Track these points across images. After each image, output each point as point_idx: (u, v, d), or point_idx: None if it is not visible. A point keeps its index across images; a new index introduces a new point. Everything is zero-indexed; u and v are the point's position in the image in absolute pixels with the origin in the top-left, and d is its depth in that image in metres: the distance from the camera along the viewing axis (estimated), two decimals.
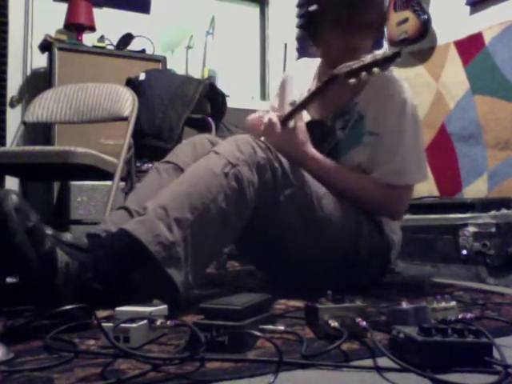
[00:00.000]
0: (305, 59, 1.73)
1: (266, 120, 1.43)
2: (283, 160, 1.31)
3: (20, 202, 0.93)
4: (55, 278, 0.95)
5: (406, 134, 1.44)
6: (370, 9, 1.42)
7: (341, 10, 1.40)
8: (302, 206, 1.33)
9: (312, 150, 1.43)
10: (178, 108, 2.63)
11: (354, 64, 1.28)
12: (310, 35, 1.52)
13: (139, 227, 1.08)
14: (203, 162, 1.22)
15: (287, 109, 1.45)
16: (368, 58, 1.27)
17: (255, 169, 1.22)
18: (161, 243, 1.07)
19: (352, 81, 1.28)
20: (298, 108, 1.40)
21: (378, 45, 1.53)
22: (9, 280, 1.07)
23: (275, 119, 1.41)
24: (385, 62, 1.26)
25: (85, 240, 1.09)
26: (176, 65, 3.48)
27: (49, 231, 0.99)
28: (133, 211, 1.28)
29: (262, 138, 1.37)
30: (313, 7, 1.45)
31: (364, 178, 1.45)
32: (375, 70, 1.25)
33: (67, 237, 1.04)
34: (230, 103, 2.95)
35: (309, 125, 1.46)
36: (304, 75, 1.64)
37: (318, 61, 1.63)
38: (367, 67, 1.26)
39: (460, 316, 0.97)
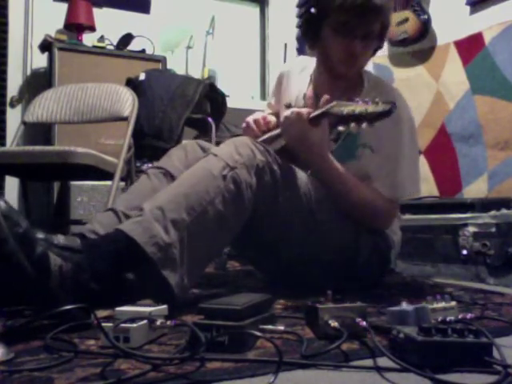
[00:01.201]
0: (302, 57, 1.71)
1: (294, 110, 1.34)
2: (282, 163, 1.30)
3: (8, 209, 0.91)
4: (49, 280, 0.95)
5: (402, 148, 1.41)
6: (374, 18, 1.36)
7: (341, 17, 1.33)
8: (301, 208, 1.32)
9: (329, 154, 1.35)
10: (178, 108, 2.63)
11: (345, 109, 1.19)
12: (308, 37, 1.46)
13: (136, 228, 1.08)
14: (202, 164, 1.21)
15: (283, 108, 1.42)
16: (359, 109, 1.16)
17: (254, 171, 1.21)
18: (157, 244, 1.06)
19: (341, 128, 1.21)
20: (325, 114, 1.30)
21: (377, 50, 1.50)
22: None
23: (305, 110, 1.33)
24: (377, 118, 1.16)
25: (77, 241, 1.08)
26: (176, 65, 3.48)
27: (40, 235, 0.98)
28: (120, 213, 1.26)
29: (261, 139, 1.36)
30: (312, 10, 1.38)
31: (370, 188, 1.41)
32: (364, 125, 1.16)
33: (59, 239, 1.03)
34: (230, 103, 2.95)
35: None
36: (300, 75, 1.61)
37: (314, 61, 1.58)
38: (357, 119, 1.17)
39: (460, 316, 0.97)
